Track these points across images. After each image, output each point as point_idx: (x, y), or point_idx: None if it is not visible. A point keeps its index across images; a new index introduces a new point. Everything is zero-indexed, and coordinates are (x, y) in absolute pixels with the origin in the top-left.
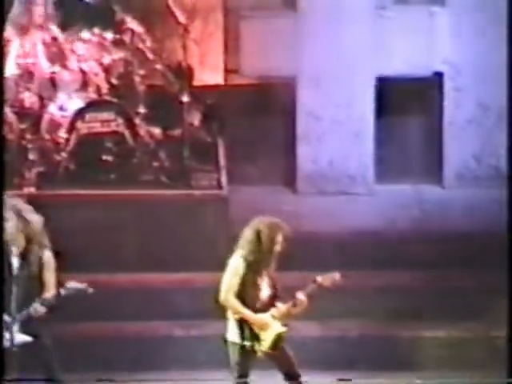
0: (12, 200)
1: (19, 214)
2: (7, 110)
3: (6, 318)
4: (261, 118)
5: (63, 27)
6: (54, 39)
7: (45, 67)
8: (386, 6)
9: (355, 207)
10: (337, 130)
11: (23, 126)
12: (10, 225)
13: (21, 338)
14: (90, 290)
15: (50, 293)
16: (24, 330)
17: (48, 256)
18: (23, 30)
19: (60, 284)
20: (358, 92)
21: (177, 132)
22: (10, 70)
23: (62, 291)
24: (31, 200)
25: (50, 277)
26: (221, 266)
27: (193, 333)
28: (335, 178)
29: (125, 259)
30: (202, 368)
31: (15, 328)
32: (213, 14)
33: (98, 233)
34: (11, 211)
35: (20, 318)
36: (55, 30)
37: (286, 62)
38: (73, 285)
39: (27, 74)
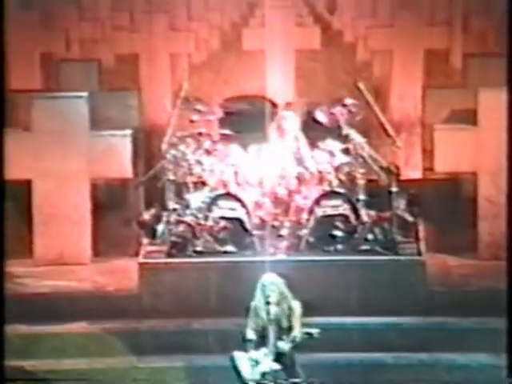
0: (270, 276)
1: (275, 285)
2: (265, 200)
3: (265, 350)
4: (451, 202)
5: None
6: (298, 149)
7: (293, 169)
8: None
9: None
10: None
11: (277, 211)
12: (274, 293)
13: (273, 366)
14: (317, 335)
15: (295, 333)
16: (277, 360)
17: (296, 305)
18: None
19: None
20: None
21: (387, 214)
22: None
23: (299, 334)
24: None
25: (296, 321)
26: None
27: None
28: None
29: (349, 303)
30: None
31: (271, 358)
32: (414, 128)
33: (328, 288)
34: (273, 285)
35: (273, 350)
36: (302, 140)
37: (468, 162)
38: (306, 330)
39: (281, 174)
